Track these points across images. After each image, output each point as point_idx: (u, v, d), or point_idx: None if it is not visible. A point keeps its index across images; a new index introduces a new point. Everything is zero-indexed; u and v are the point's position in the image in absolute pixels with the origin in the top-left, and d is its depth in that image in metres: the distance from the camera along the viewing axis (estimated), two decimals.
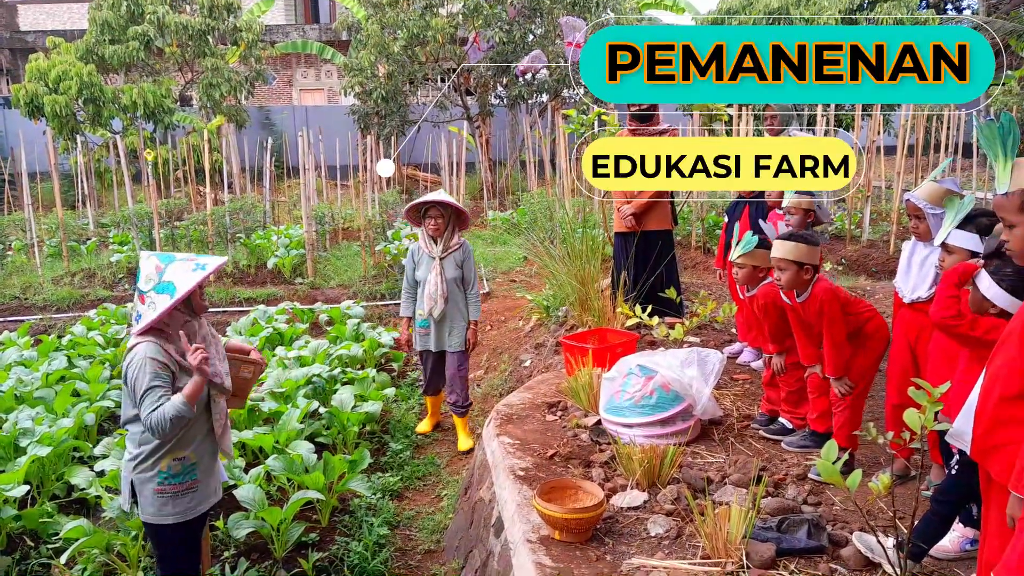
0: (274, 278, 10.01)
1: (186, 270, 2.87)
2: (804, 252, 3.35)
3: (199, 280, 2.87)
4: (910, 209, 3.12)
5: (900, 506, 2.68)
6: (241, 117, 17.34)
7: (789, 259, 3.35)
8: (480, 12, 15.63)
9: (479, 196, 16.68)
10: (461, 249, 5.17)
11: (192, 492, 3.02)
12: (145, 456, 2.93)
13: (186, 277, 2.86)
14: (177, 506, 2.98)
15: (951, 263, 2.72)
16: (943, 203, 2.95)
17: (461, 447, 5.29)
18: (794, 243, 3.36)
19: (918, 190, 3.09)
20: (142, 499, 2.96)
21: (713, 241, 9.39)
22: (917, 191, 3.07)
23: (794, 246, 3.35)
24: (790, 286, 3.41)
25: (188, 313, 2.99)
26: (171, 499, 2.96)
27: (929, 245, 3.07)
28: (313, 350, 6.38)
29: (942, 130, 12.07)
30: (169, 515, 2.97)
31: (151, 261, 2.93)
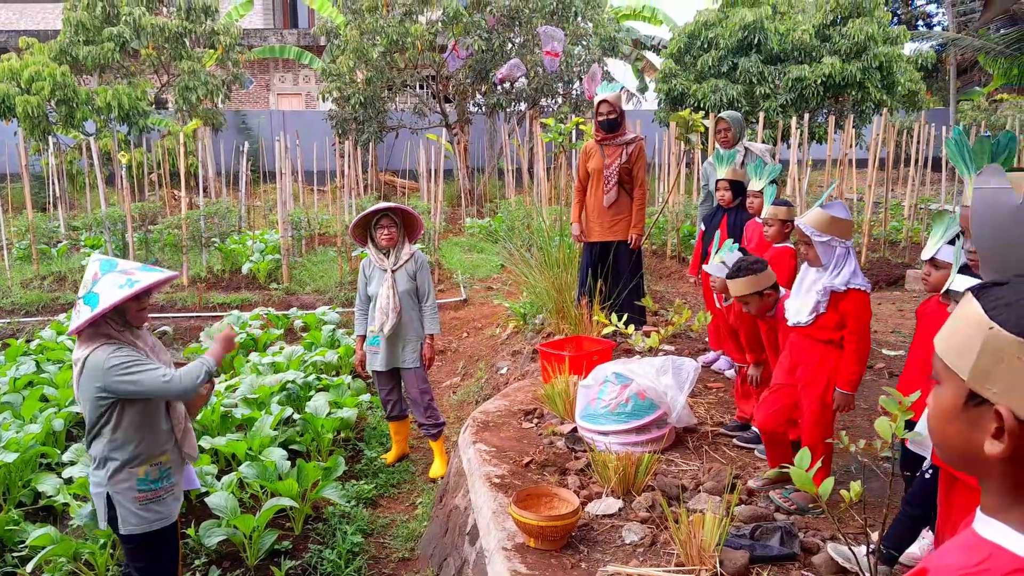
0: (249, 283, 9.92)
1: (114, 285, 2.78)
2: (755, 282, 3.37)
3: (123, 297, 2.76)
4: (799, 235, 3.07)
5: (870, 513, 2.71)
6: (217, 121, 17.21)
7: (746, 293, 3.38)
8: (459, 20, 15.66)
9: (457, 203, 16.69)
10: (414, 260, 4.91)
11: (171, 495, 3.02)
12: (121, 466, 2.88)
13: (111, 293, 2.76)
14: (160, 511, 2.96)
15: (936, 278, 2.75)
16: (828, 228, 2.94)
17: (433, 473, 4.97)
18: (744, 278, 3.35)
19: (805, 216, 3.05)
20: (123, 511, 2.89)
21: (687, 251, 9.46)
22: (804, 218, 3.04)
23: (745, 280, 3.36)
24: (760, 313, 3.45)
25: (122, 325, 2.89)
26: (153, 504, 2.93)
27: (819, 271, 3.03)
28: (288, 356, 6.33)
29: (912, 144, 12.28)
30: (155, 522, 2.94)
31: (92, 267, 2.86)
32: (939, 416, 0.99)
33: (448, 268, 10.84)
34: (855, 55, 15.36)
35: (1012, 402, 0.88)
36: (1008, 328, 0.88)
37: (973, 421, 0.93)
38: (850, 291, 2.95)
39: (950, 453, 0.99)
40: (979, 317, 0.92)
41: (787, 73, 15.40)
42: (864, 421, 4.08)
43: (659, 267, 9.62)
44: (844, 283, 2.94)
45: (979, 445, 0.91)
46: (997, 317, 0.90)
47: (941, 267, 2.83)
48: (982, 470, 0.94)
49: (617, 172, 5.39)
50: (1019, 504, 0.91)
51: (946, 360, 0.97)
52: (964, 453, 0.96)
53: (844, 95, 15.93)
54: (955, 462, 1.00)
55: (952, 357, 0.95)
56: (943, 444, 1.00)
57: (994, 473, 0.92)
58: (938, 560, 0.96)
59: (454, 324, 8.30)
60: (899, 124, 15.00)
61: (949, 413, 0.96)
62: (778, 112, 15.06)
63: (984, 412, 0.91)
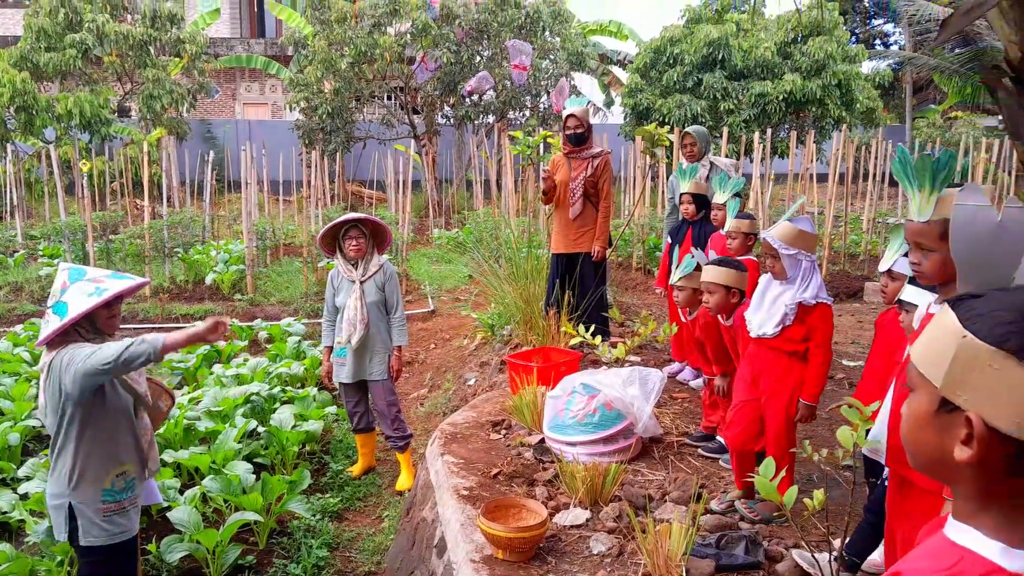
0: (212, 294, 9.79)
1: (83, 293, 2.75)
2: (733, 277, 3.46)
3: (93, 305, 2.73)
4: (766, 248, 3.12)
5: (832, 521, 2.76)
6: (182, 130, 17.01)
7: (718, 283, 3.45)
8: (428, 32, 15.71)
9: (425, 214, 16.67)
10: (382, 271, 4.89)
11: (134, 507, 3.00)
12: (86, 476, 2.83)
13: (79, 301, 2.74)
14: (123, 524, 2.91)
15: (894, 290, 2.83)
16: (795, 242, 3.00)
17: (399, 486, 4.94)
18: (724, 268, 3.47)
19: (773, 230, 3.10)
20: (84, 523, 2.83)
21: (653, 263, 9.57)
22: (772, 231, 3.09)
23: (723, 271, 3.46)
24: (718, 309, 3.51)
25: (92, 332, 2.86)
26: (116, 516, 2.89)
27: (784, 284, 3.09)
28: (252, 368, 6.26)
29: (870, 159, 12.57)
30: (116, 534, 2.89)
31: (61, 276, 2.83)
32: (912, 422, 1.02)
33: (416, 279, 10.82)
34: (815, 72, 15.72)
35: (982, 409, 0.91)
36: (981, 337, 0.91)
37: (944, 427, 0.96)
38: (817, 305, 3.02)
39: (922, 459, 1.02)
40: (954, 326, 0.95)
41: (750, 89, 15.70)
42: (825, 431, 4.15)
43: (625, 279, 9.70)
44: (814, 297, 3.00)
45: (949, 451, 0.94)
46: (971, 327, 0.93)
47: (897, 278, 2.91)
48: (952, 476, 0.97)
49: (583, 185, 5.45)
50: (988, 510, 0.94)
51: (921, 368, 1.00)
52: (935, 459, 0.99)
53: (805, 111, 16.28)
54: (926, 468, 1.03)
55: (927, 365, 0.98)
56: (915, 450, 1.03)
57: (963, 479, 0.96)
58: (911, 564, 0.99)
59: (422, 335, 8.28)
60: (858, 140, 15.35)
61: (922, 420, 0.99)
62: (741, 127, 15.33)
63: (955, 419, 0.94)
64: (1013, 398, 0.88)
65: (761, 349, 3.14)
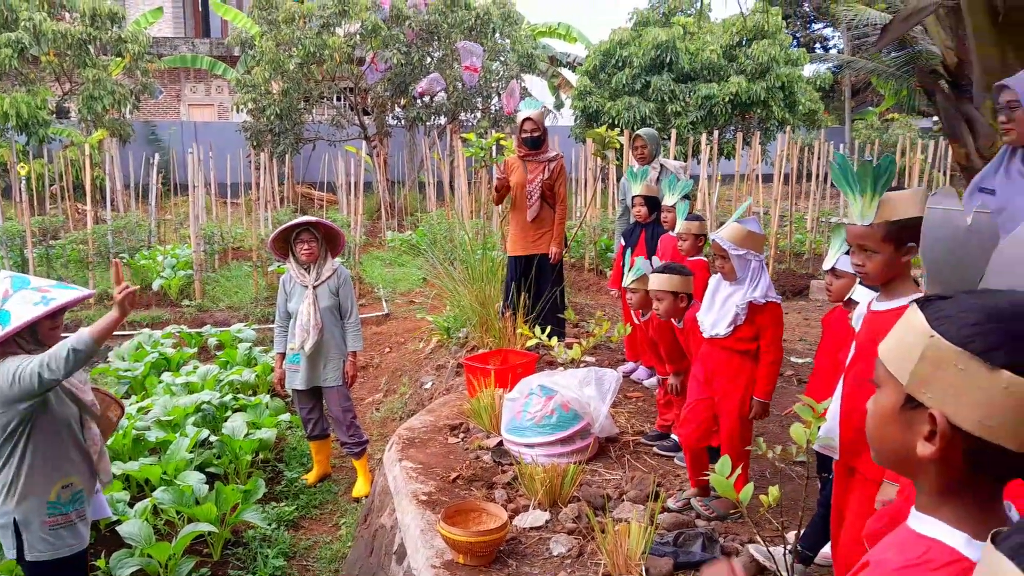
0: (160, 300, 9.57)
1: (27, 302, 2.67)
2: (678, 283, 3.53)
3: (38, 316, 2.66)
4: (715, 249, 3.18)
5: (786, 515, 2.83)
6: (125, 131, 16.54)
7: (665, 290, 3.53)
8: (378, 33, 15.59)
9: (377, 216, 16.54)
10: (336, 275, 4.82)
11: (82, 521, 2.92)
12: (31, 489, 2.75)
13: (23, 310, 2.66)
14: (70, 538, 2.83)
15: (838, 287, 2.91)
16: (744, 242, 3.08)
17: (356, 492, 4.90)
18: (668, 275, 3.54)
19: (722, 231, 3.17)
20: (30, 536, 2.76)
21: (605, 264, 9.67)
22: (721, 232, 3.17)
23: (668, 278, 3.53)
24: (667, 315, 3.59)
25: (33, 343, 2.77)
26: (63, 530, 2.81)
27: (734, 284, 3.16)
28: (202, 376, 6.14)
29: (813, 160, 12.90)
30: (63, 548, 2.81)
31: (3, 284, 2.74)
32: (877, 418, 1.06)
33: (369, 282, 10.73)
34: (760, 75, 16.07)
35: (946, 407, 0.95)
36: (948, 338, 0.94)
37: (908, 424, 1.00)
38: (767, 304, 3.09)
39: (885, 454, 1.06)
40: (922, 326, 0.98)
41: (697, 91, 15.97)
42: (775, 427, 4.25)
43: (578, 280, 9.78)
44: (763, 296, 3.08)
45: (913, 447, 0.98)
46: (939, 327, 0.96)
47: (841, 276, 3.00)
48: (915, 470, 1.01)
49: (540, 188, 5.49)
50: (950, 503, 0.98)
51: (888, 365, 1.03)
52: (898, 454, 1.03)
53: (750, 113, 16.63)
54: (889, 462, 1.07)
55: (894, 363, 1.02)
56: (879, 446, 1.07)
57: (926, 474, 1.00)
58: (879, 555, 1.03)
59: (376, 339, 8.23)
60: (801, 141, 15.74)
61: (887, 415, 1.03)
62: (689, 129, 15.58)
63: (919, 416, 0.98)
64: (976, 398, 0.92)
65: (714, 349, 3.20)
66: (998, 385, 0.91)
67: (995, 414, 0.91)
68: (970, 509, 0.97)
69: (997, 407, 0.91)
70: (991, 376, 0.91)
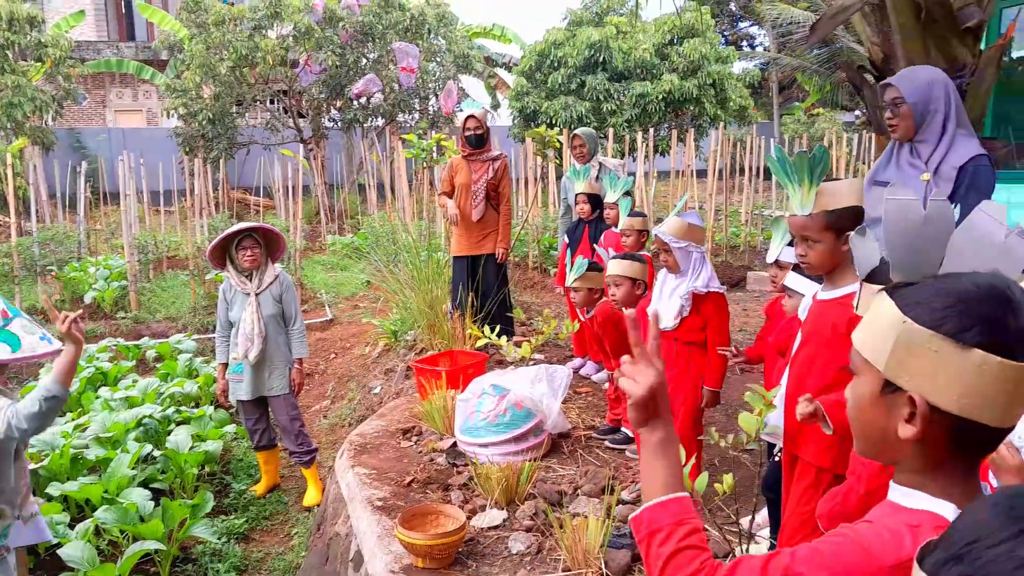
0: (93, 313, 9.24)
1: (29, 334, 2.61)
2: (637, 269, 3.60)
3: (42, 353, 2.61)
4: (658, 243, 3.26)
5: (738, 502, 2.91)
6: (48, 139, 15.93)
7: (624, 275, 3.58)
8: (311, 35, 15.37)
9: (316, 220, 16.30)
10: (279, 282, 4.74)
11: (11, 555, 2.77)
12: None
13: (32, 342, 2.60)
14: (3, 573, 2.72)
15: (782, 278, 3.00)
16: (685, 235, 3.17)
17: (307, 501, 4.84)
18: (628, 261, 3.61)
19: (663, 225, 3.25)
20: None
21: (548, 262, 9.73)
22: (662, 226, 3.24)
23: (628, 264, 3.60)
24: (624, 302, 3.64)
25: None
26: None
27: (679, 277, 3.24)
28: (142, 389, 5.96)
29: (746, 155, 13.23)
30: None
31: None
32: (857, 406, 1.10)
33: (311, 287, 10.57)
34: (691, 73, 16.41)
35: (923, 388, 0.99)
36: (920, 322, 0.99)
37: (888, 408, 1.04)
38: (710, 294, 3.16)
39: (866, 441, 1.10)
40: (894, 313, 1.02)
41: (631, 90, 16.21)
42: (721, 416, 4.35)
43: (523, 278, 9.82)
44: (704, 286, 3.15)
45: (893, 430, 1.03)
46: (910, 312, 1.00)
47: (785, 267, 3.10)
48: (897, 454, 1.06)
49: (484, 188, 5.50)
50: (934, 477, 1.03)
51: (864, 353, 1.07)
52: (880, 439, 1.07)
53: (683, 110, 16.96)
54: (871, 449, 1.11)
55: (869, 350, 1.06)
56: (860, 433, 1.11)
57: (908, 456, 1.04)
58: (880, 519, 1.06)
59: (320, 345, 8.11)
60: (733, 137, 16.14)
61: (866, 402, 1.07)
62: (624, 127, 15.81)
63: (898, 399, 1.02)
64: (951, 377, 0.97)
65: (664, 341, 3.27)
66: (972, 363, 0.95)
67: (971, 392, 0.96)
68: (954, 481, 1.02)
69: (972, 385, 0.96)
70: (964, 355, 0.96)
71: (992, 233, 1.09)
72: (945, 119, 2.98)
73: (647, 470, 1.20)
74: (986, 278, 1.00)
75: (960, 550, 0.77)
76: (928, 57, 3.59)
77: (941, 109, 2.98)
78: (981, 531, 0.77)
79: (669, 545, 1.11)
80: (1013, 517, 0.76)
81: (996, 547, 0.75)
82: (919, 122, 3.01)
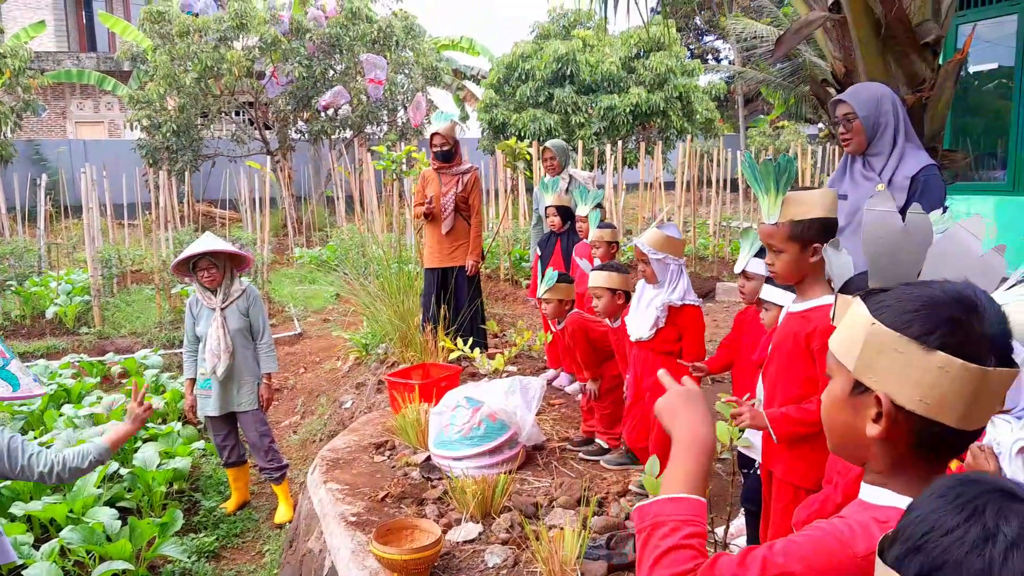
0: (55, 329, 9.04)
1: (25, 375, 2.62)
2: (617, 280, 3.63)
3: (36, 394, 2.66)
4: (637, 254, 3.31)
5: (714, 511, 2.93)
6: (6, 152, 15.61)
7: (604, 286, 3.61)
8: (278, 46, 15.28)
9: (283, 233, 16.15)
10: (245, 296, 4.66)
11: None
12: None
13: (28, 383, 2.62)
14: None
15: (750, 288, 3.04)
16: (663, 247, 3.23)
17: (278, 518, 4.78)
18: (607, 272, 3.65)
19: (643, 236, 3.31)
20: None
21: (519, 273, 9.76)
22: (642, 237, 3.30)
23: (607, 275, 3.63)
24: (606, 312, 3.66)
25: None
26: None
27: (657, 288, 3.29)
28: (107, 406, 5.83)
29: (712, 168, 13.42)
30: None
31: None
32: (829, 406, 1.14)
33: (279, 301, 10.47)
34: (658, 86, 16.61)
35: (889, 388, 1.03)
36: (887, 324, 1.03)
37: (857, 408, 1.08)
38: (685, 306, 3.20)
39: (838, 441, 1.14)
40: (864, 316, 1.06)
41: (599, 103, 16.36)
42: None
43: (494, 290, 9.83)
44: (680, 298, 3.19)
45: (862, 429, 1.07)
46: (879, 315, 1.05)
47: (752, 278, 3.15)
48: (865, 453, 1.10)
49: (454, 200, 5.51)
50: (899, 475, 1.07)
51: (837, 355, 1.11)
52: (850, 439, 1.11)
53: (650, 123, 17.15)
54: (844, 449, 1.15)
55: (841, 352, 1.10)
56: (832, 433, 1.15)
57: (875, 455, 1.08)
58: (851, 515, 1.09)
59: (289, 360, 8.02)
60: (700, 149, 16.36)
61: (837, 402, 1.11)
62: (592, 140, 15.94)
63: (866, 400, 1.06)
64: (915, 378, 1.01)
65: (642, 352, 3.30)
66: (934, 364, 0.99)
67: (932, 392, 1.00)
68: (919, 481, 1.06)
69: (934, 385, 0.99)
70: (927, 357, 0.99)
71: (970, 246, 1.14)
72: (895, 132, 3.10)
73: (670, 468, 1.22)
74: (955, 286, 1.04)
75: (918, 542, 0.81)
76: (888, 72, 3.69)
77: (891, 123, 3.10)
78: (935, 521, 0.81)
79: (671, 539, 1.11)
80: (960, 504, 0.80)
81: (949, 534, 0.79)
82: (871, 136, 3.12)
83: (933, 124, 3.75)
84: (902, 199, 3.02)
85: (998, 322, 1.00)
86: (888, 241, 1.18)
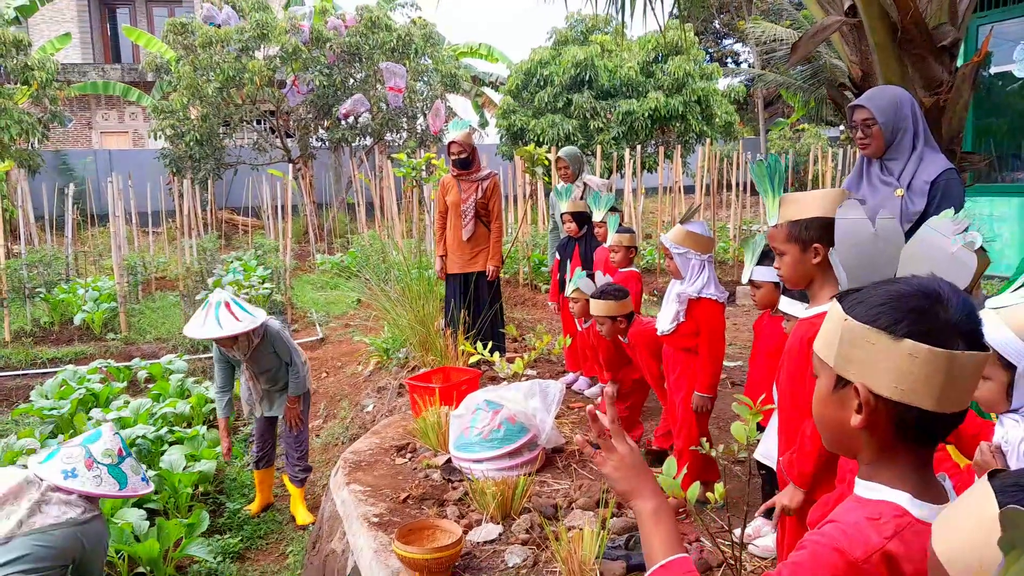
0: (83, 335, 9.22)
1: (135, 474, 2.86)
2: (614, 307, 3.67)
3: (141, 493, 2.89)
4: (663, 250, 3.36)
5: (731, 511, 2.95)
6: (34, 162, 15.89)
7: (603, 315, 3.67)
8: (299, 56, 15.47)
9: (305, 240, 16.32)
10: (266, 339, 4.68)
11: None
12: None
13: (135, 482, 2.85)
14: None
15: (761, 296, 3.06)
16: (684, 242, 3.24)
17: (300, 520, 4.89)
18: (604, 301, 3.71)
19: (669, 232, 3.33)
20: None
21: (538, 278, 9.80)
22: (668, 233, 3.32)
23: (604, 304, 3.69)
24: (611, 335, 3.72)
25: None
26: None
27: (681, 283, 3.31)
28: (134, 410, 5.95)
29: (732, 171, 13.38)
30: None
31: (115, 441, 2.96)
32: (818, 403, 1.20)
33: (301, 307, 10.58)
34: (676, 90, 16.60)
35: (865, 378, 1.09)
36: (858, 318, 1.10)
37: (841, 402, 1.14)
38: (702, 300, 3.22)
39: (830, 435, 1.21)
40: (839, 314, 1.13)
41: (617, 107, 16.37)
42: (713, 428, 4.40)
43: (514, 295, 9.87)
44: (697, 291, 3.21)
45: (847, 422, 1.13)
46: (851, 311, 1.12)
47: (760, 286, 3.16)
48: (854, 446, 1.16)
49: (474, 207, 5.57)
50: (886, 466, 1.13)
51: (820, 354, 1.18)
52: (839, 432, 1.17)
53: (669, 127, 17.13)
54: (835, 444, 1.21)
55: (824, 350, 1.17)
56: (823, 428, 1.21)
57: (862, 447, 1.14)
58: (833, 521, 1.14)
59: (312, 364, 8.10)
60: (719, 153, 16.32)
61: (824, 398, 1.18)
62: (611, 144, 15.95)
63: (848, 392, 1.12)
64: (887, 366, 1.07)
65: (669, 348, 3.35)
66: (903, 352, 1.06)
67: (905, 378, 1.06)
68: (906, 471, 1.11)
69: (906, 372, 1.06)
70: (896, 345, 1.06)
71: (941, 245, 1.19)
72: (914, 136, 3.10)
73: (645, 539, 1.32)
74: (920, 279, 1.11)
75: None
76: (905, 75, 3.69)
77: (910, 127, 3.09)
78: None
79: None
80: None
81: None
82: (889, 140, 3.11)
83: (951, 127, 3.75)
84: (922, 203, 3.02)
85: (963, 310, 1.06)
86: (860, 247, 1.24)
